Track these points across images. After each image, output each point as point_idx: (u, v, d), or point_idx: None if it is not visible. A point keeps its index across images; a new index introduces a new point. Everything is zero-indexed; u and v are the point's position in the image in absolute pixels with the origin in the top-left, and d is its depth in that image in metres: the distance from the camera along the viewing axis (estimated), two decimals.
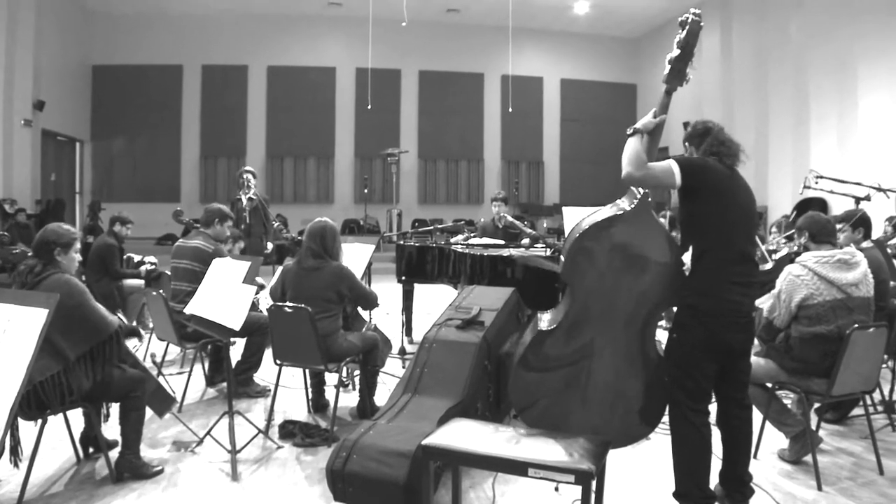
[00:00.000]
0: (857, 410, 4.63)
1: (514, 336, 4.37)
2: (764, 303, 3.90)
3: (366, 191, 15.22)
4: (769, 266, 5.35)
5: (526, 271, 5.27)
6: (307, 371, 4.89)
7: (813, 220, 3.92)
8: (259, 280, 5.21)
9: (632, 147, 2.99)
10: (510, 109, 17.44)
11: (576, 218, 3.59)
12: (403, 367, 5.76)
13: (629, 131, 3.04)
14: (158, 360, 5.35)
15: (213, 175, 17.09)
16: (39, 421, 3.38)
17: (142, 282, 7.24)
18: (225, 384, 5.02)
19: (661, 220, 3.23)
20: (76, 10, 15.89)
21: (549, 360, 3.19)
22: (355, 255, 5.37)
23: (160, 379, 4.50)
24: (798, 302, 3.75)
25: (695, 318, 3.04)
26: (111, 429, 4.01)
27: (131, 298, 7.24)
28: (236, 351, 5.45)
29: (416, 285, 6.87)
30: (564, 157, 19.05)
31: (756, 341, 3.84)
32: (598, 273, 3.10)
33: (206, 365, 5.51)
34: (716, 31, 15.14)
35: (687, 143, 3.26)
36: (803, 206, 9.68)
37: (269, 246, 7.97)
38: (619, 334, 3.14)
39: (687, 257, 3.06)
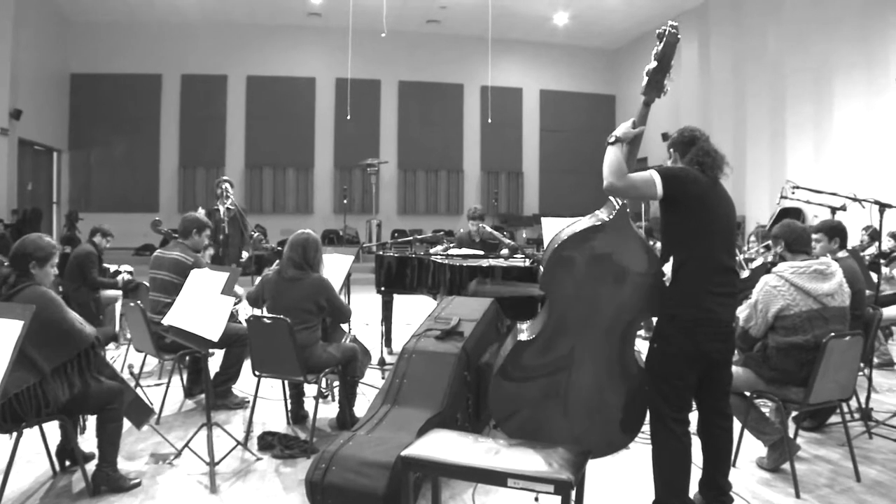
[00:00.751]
0: (835, 418, 4.66)
1: (493, 346, 4.37)
2: (741, 312, 3.92)
3: (345, 201, 15.19)
4: (745, 275, 5.41)
5: (504, 279, 5.27)
6: (286, 382, 4.86)
7: (789, 230, 3.94)
8: (238, 290, 5.16)
9: (612, 156, 3.00)
10: (489, 120, 17.56)
11: (555, 228, 3.63)
12: (383, 378, 5.76)
13: (610, 139, 3.04)
14: (136, 371, 5.29)
15: (191, 185, 16.99)
16: (15, 434, 3.32)
17: (119, 292, 7.17)
18: (203, 396, 4.98)
19: (639, 230, 3.25)
20: (54, 18, 15.74)
21: (529, 370, 3.21)
22: (334, 266, 5.36)
23: (138, 390, 4.45)
24: (775, 312, 3.76)
25: (675, 328, 3.05)
26: (88, 441, 3.96)
27: (108, 310, 7.17)
28: (215, 362, 5.40)
29: (395, 296, 6.86)
30: (544, 167, 19.17)
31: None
32: (578, 283, 3.13)
33: (185, 376, 5.48)
34: (693, 42, 15.33)
35: (672, 150, 3.27)
36: (781, 216, 9.76)
37: (245, 254, 7.92)
38: (599, 344, 3.16)
39: (667, 268, 3.08)
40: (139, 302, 4.92)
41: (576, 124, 19.02)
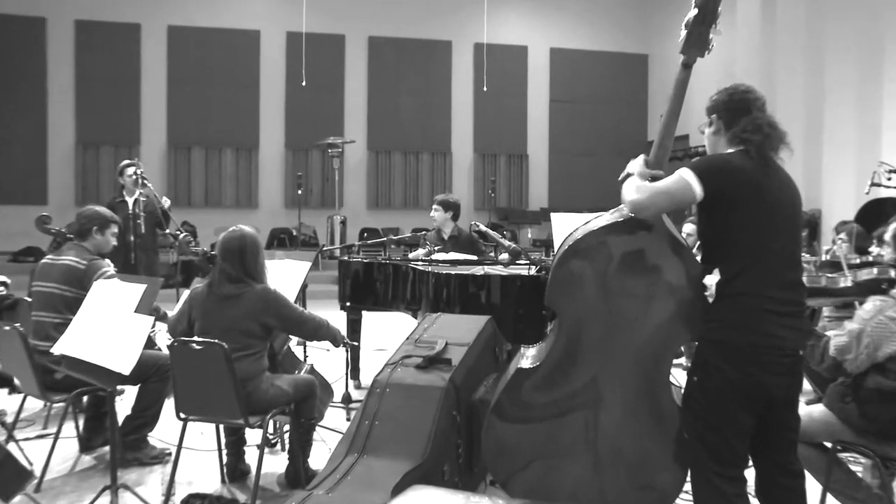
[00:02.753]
0: None
1: (490, 378, 4.37)
2: (836, 337, 3.75)
3: (300, 192, 15.14)
4: (845, 283, 5.29)
5: (505, 293, 5.34)
6: (221, 427, 4.85)
7: None
8: (160, 308, 5.17)
9: (631, 188, 3.07)
10: (485, 88, 17.57)
11: (568, 227, 3.64)
12: (348, 420, 5.78)
13: (622, 177, 3.14)
14: (9, 419, 5.23)
15: (93, 170, 16.80)
16: None
17: None
18: (107, 448, 4.87)
19: (674, 227, 3.29)
20: None
21: (531, 407, 3.24)
22: (286, 276, 5.32)
23: (10, 446, 4.37)
24: (889, 354, 3.62)
25: (721, 356, 3.03)
26: None
27: None
28: (125, 403, 5.37)
29: (364, 313, 6.85)
30: (554, 148, 19.19)
31: (808, 384, 3.81)
32: (593, 298, 3.16)
33: (81, 424, 5.40)
34: None
35: (714, 117, 3.25)
36: (870, 208, 9.40)
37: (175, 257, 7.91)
38: (628, 376, 3.19)
39: (711, 280, 3.10)
40: (18, 325, 4.81)
41: (596, 93, 19.04)
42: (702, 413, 3.09)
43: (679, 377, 3.29)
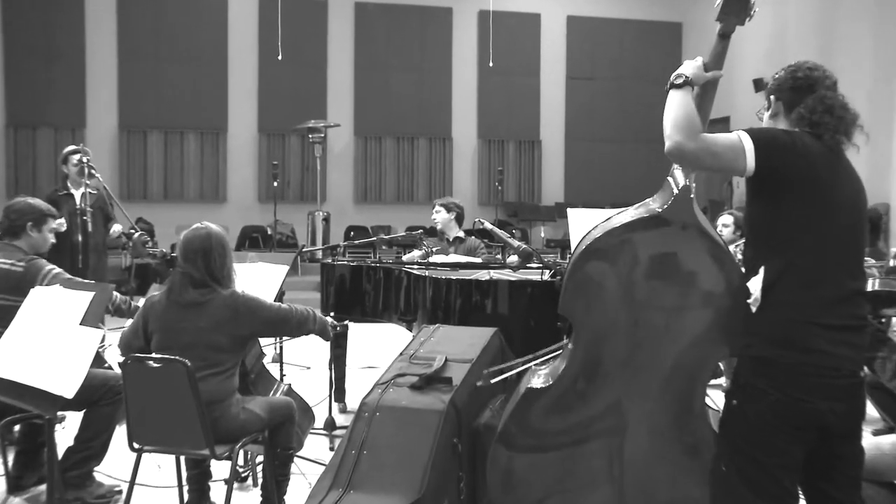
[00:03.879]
0: None
1: (496, 400, 4.36)
2: None
3: (275, 184, 15.02)
4: None
5: (514, 302, 5.33)
6: (182, 459, 4.83)
7: None
8: (115, 296, 5.14)
9: (677, 102, 2.99)
10: (491, 63, 17.49)
11: (586, 225, 3.64)
12: (331, 450, 5.78)
13: (676, 80, 3.05)
14: None
15: (27, 156, 16.66)
16: None
17: None
18: (43, 488, 4.91)
19: (710, 225, 3.29)
20: None
21: (542, 435, 3.24)
22: (259, 282, 5.33)
23: None
24: None
25: (766, 376, 2.99)
26: None
27: None
28: (67, 432, 5.35)
29: (350, 325, 6.75)
30: (572, 133, 19.12)
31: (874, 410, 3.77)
32: (615, 307, 3.16)
33: (11, 459, 5.33)
34: None
35: (773, 98, 3.23)
36: None
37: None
38: (657, 398, 3.19)
39: (755, 283, 3.03)
40: None
41: (622, 68, 19.01)
42: (741, 443, 3.05)
43: (717, 400, 3.25)
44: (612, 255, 3.13)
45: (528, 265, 6.07)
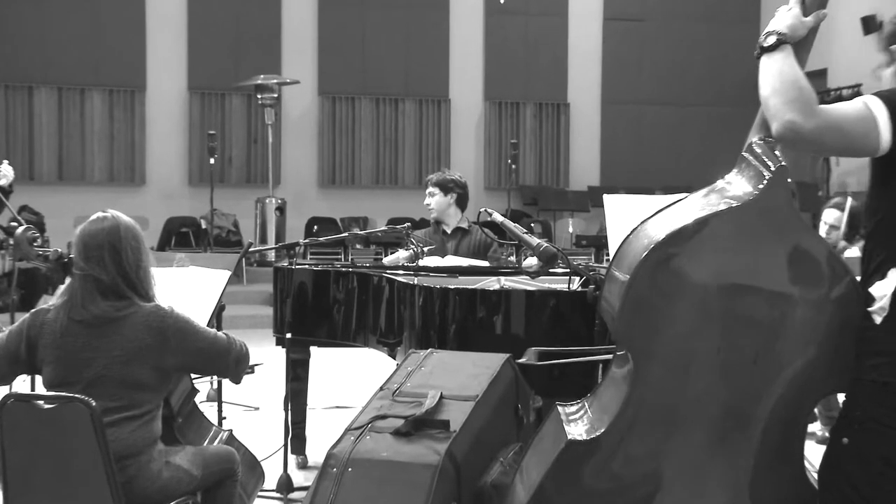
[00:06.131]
0: None
1: (508, 451, 4.09)
2: None
3: (212, 161, 14.09)
4: None
5: (532, 319, 5.12)
6: None
7: None
8: None
9: (778, 71, 2.76)
10: (502, 1, 16.11)
11: (630, 217, 3.74)
12: None
13: (766, 42, 2.80)
14: None
15: None
16: None
17: None
18: None
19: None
20: None
21: (591, 497, 3.07)
22: (191, 293, 4.99)
23: None
24: None
25: (892, 408, 2.75)
26: None
27: None
28: None
29: (313, 350, 6.51)
30: (608, 97, 17.81)
31: None
32: (691, 330, 2.91)
33: None
34: None
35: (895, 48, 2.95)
36: None
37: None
38: (737, 450, 2.95)
39: (881, 289, 2.77)
40: None
41: (677, 7, 17.83)
42: (853, 494, 2.85)
43: (810, 455, 3.17)
44: (686, 263, 2.90)
45: (550, 270, 5.57)
